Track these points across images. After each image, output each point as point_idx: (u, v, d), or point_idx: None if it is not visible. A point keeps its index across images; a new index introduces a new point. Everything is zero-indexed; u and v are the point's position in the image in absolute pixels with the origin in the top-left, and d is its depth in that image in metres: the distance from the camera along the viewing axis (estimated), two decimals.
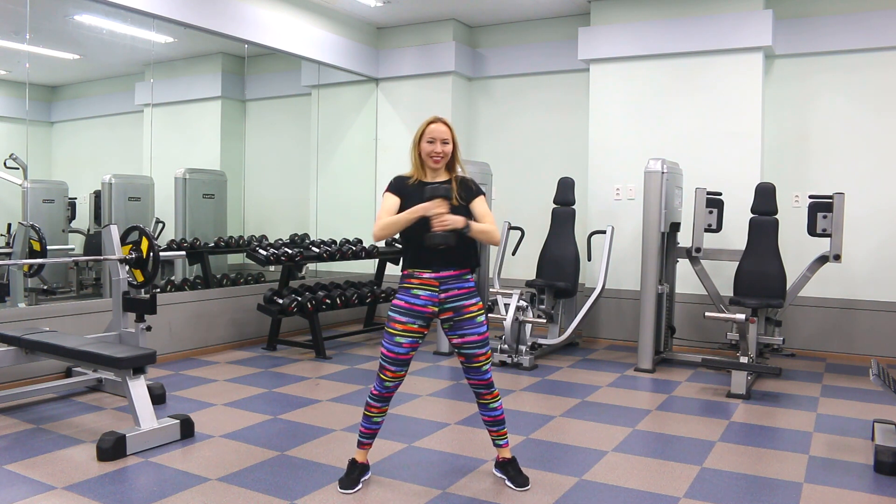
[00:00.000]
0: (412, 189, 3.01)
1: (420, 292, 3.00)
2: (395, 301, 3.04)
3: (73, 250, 6.68)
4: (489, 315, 6.04)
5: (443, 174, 3.09)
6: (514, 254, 6.70)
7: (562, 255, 6.30)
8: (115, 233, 4.56)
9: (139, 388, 3.64)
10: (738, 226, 5.85)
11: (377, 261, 7.25)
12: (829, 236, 5.28)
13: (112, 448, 3.38)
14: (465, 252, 3.02)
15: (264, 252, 5.97)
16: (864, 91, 5.96)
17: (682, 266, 6.03)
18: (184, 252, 5.98)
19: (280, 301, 5.82)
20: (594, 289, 5.96)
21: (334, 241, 6.76)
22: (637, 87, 6.49)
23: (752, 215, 5.61)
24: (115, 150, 7.54)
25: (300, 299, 5.89)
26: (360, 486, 3.10)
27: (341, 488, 3.07)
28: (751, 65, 6.04)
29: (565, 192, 6.40)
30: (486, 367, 3.07)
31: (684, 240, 5.91)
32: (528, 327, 5.68)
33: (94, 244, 6.58)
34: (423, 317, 3.01)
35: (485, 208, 3.05)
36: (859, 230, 5.89)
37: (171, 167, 6.92)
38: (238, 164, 7.56)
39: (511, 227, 6.60)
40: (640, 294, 5.54)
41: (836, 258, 5.27)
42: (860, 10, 5.89)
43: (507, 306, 5.67)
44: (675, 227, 5.78)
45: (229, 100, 7.65)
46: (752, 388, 4.93)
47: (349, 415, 4.21)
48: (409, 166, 3.14)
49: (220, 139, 7.60)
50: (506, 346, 5.60)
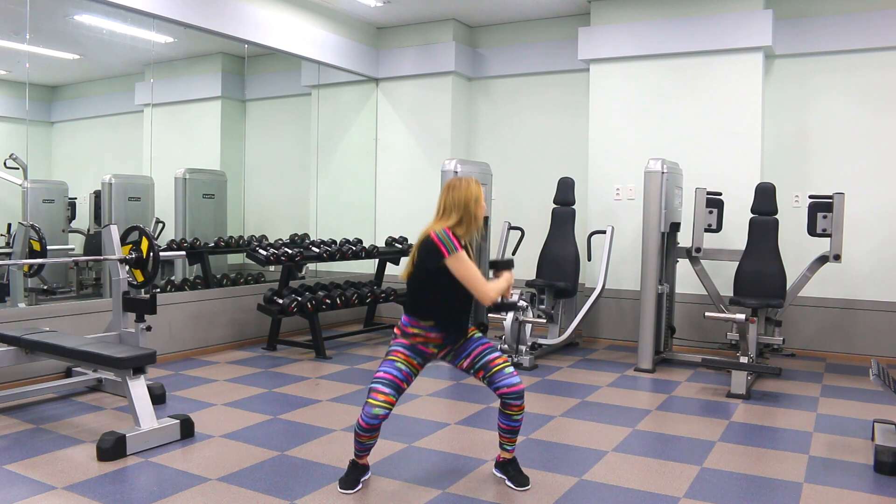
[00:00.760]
0: (470, 251, 3.08)
1: (423, 342, 3.05)
2: (399, 340, 3.07)
3: (73, 250, 6.67)
4: (489, 315, 6.05)
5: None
6: (514, 254, 6.70)
7: (562, 255, 6.30)
8: (115, 233, 4.56)
9: (139, 388, 3.64)
10: (738, 226, 5.85)
11: (377, 261, 7.25)
12: (829, 236, 5.28)
13: (112, 448, 3.38)
14: (469, 309, 3.16)
15: (264, 252, 5.97)
16: (864, 91, 5.95)
17: (682, 266, 6.03)
18: (184, 252, 5.98)
19: (280, 301, 5.82)
20: (594, 289, 5.96)
21: (334, 241, 6.76)
22: (637, 87, 6.49)
23: (752, 215, 5.62)
24: (115, 150, 7.53)
25: (300, 299, 5.89)
26: (360, 486, 3.10)
27: (341, 488, 3.07)
28: (751, 65, 6.04)
29: (565, 192, 6.40)
30: (510, 368, 3.05)
31: (684, 240, 5.91)
32: (528, 327, 5.68)
33: (94, 244, 6.58)
34: (423, 356, 3.07)
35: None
36: (859, 230, 5.89)
37: (171, 167, 6.92)
38: (238, 164, 7.56)
39: (511, 227, 6.60)
40: (640, 294, 5.54)
41: (836, 258, 5.27)
42: (860, 10, 5.89)
43: None
44: (675, 227, 5.78)
45: (229, 100, 7.65)
46: (752, 388, 4.93)
47: (349, 415, 4.21)
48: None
49: (220, 139, 7.60)
50: (506, 346, 5.60)
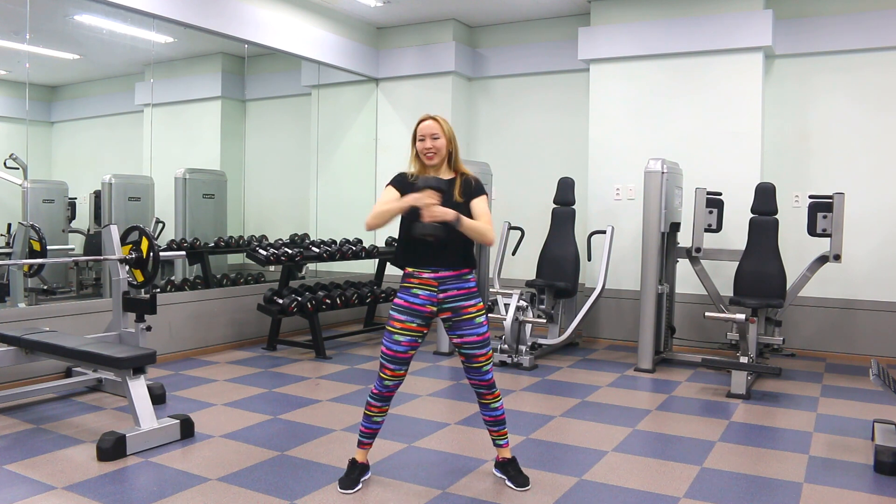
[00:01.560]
0: (413, 185, 2.98)
1: (419, 291, 3.00)
2: (396, 300, 3.05)
3: (73, 250, 6.68)
4: (489, 315, 6.04)
5: (446, 173, 3.08)
6: (514, 254, 6.70)
7: (562, 255, 6.30)
8: (115, 233, 4.56)
9: (139, 388, 3.64)
10: (738, 226, 5.85)
11: (377, 261, 7.25)
12: (829, 236, 5.28)
13: (112, 448, 3.38)
14: (460, 251, 3.01)
15: (264, 252, 5.97)
16: (864, 91, 5.95)
17: (682, 266, 6.03)
18: (184, 252, 5.98)
19: (280, 301, 5.82)
20: (594, 289, 5.96)
21: (334, 241, 6.76)
22: (637, 87, 6.49)
23: (752, 215, 5.61)
24: (115, 150, 7.54)
25: (300, 299, 5.89)
26: (360, 486, 3.10)
27: (341, 488, 3.07)
28: (751, 65, 6.04)
29: (565, 192, 6.40)
30: (487, 367, 3.07)
31: (684, 240, 5.91)
32: (528, 327, 5.68)
33: (94, 244, 6.58)
34: (422, 316, 3.01)
35: (483, 208, 3.03)
36: (859, 230, 5.89)
37: (171, 167, 6.92)
38: (238, 164, 7.56)
39: (511, 227, 6.60)
40: (640, 294, 5.54)
41: (836, 258, 5.27)
42: (860, 10, 5.89)
43: (507, 306, 5.67)
44: (675, 227, 5.78)
45: (229, 100, 7.65)
46: (752, 388, 4.93)
47: (349, 415, 4.21)
48: (408, 167, 3.14)
49: (220, 139, 7.60)
50: (506, 346, 5.60)
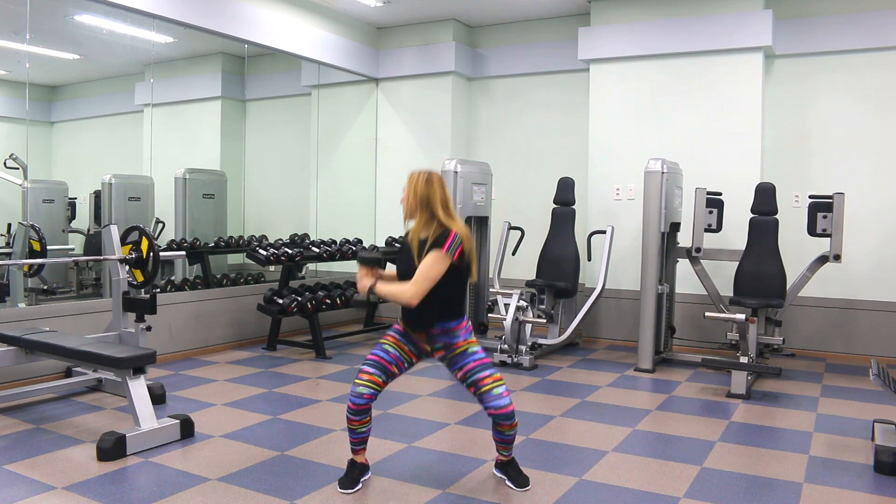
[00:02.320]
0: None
1: (413, 337, 3.10)
2: (396, 325, 3.15)
3: (73, 250, 6.67)
4: (489, 315, 6.05)
5: (429, 224, 2.97)
6: (514, 254, 6.70)
7: (562, 255, 6.30)
8: (115, 233, 4.56)
9: (139, 388, 3.64)
10: (738, 226, 5.85)
11: None
12: (829, 236, 5.28)
13: (112, 448, 3.38)
14: (442, 308, 2.98)
15: (264, 252, 5.97)
16: (864, 91, 5.95)
17: (682, 266, 6.02)
18: (184, 252, 5.98)
19: (280, 301, 5.82)
20: (594, 289, 5.96)
21: (334, 241, 6.76)
22: (637, 87, 6.49)
23: (752, 215, 5.62)
24: (115, 150, 7.53)
25: (300, 299, 5.89)
26: (360, 486, 3.10)
27: (341, 488, 3.07)
28: (751, 65, 6.04)
29: (565, 192, 6.40)
30: (499, 389, 2.97)
31: (684, 240, 5.91)
32: (528, 327, 5.67)
33: (94, 244, 6.58)
34: (416, 345, 3.09)
35: (424, 264, 2.89)
36: (859, 230, 5.89)
37: (171, 167, 6.92)
38: (238, 164, 7.56)
39: (511, 227, 6.60)
40: (640, 294, 5.54)
41: (836, 258, 5.27)
42: (860, 10, 5.89)
43: (507, 306, 5.66)
44: (675, 227, 5.78)
45: (229, 100, 7.65)
46: (752, 388, 4.93)
47: None
48: (410, 168, 3.17)
49: (220, 139, 7.60)
50: (506, 346, 5.60)
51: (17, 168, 5.89)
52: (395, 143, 7.71)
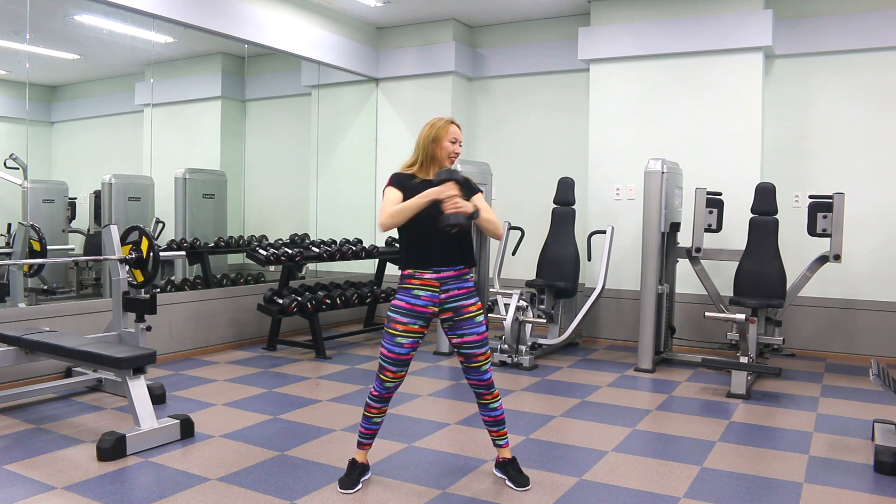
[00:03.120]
0: (417, 186, 2.96)
1: (421, 293, 3.00)
2: (396, 301, 3.03)
3: (73, 250, 6.68)
4: (489, 315, 6.05)
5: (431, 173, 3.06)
6: (514, 254, 6.70)
7: (562, 255, 6.30)
8: (115, 233, 4.56)
9: (139, 388, 3.64)
10: (738, 226, 5.85)
11: (377, 261, 7.25)
12: (829, 236, 5.28)
13: (112, 448, 3.38)
14: (464, 250, 3.04)
15: (264, 252, 5.97)
16: (864, 91, 5.95)
17: (682, 266, 6.03)
18: (184, 252, 5.98)
19: (280, 301, 5.82)
20: (594, 289, 5.96)
21: (334, 241, 6.76)
22: (637, 87, 6.49)
23: (752, 215, 5.61)
24: (115, 150, 7.53)
25: (300, 299, 5.89)
26: (360, 486, 3.10)
27: (341, 488, 3.07)
28: (751, 65, 6.04)
29: (565, 192, 6.40)
30: (486, 367, 3.07)
31: (684, 240, 5.91)
32: (528, 327, 5.68)
33: (94, 244, 6.58)
34: (423, 317, 3.01)
35: (486, 204, 3.07)
36: (859, 230, 5.89)
37: (171, 167, 6.92)
38: (238, 164, 7.56)
39: (511, 227, 6.60)
40: (640, 294, 5.54)
41: (836, 258, 5.27)
42: (860, 10, 5.89)
43: (507, 306, 5.67)
44: (675, 227, 5.78)
45: (229, 100, 7.65)
46: (752, 388, 4.93)
47: (349, 415, 4.21)
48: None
49: (220, 139, 7.60)
50: (506, 346, 5.60)
51: (17, 168, 5.89)
52: (395, 144, 7.70)
